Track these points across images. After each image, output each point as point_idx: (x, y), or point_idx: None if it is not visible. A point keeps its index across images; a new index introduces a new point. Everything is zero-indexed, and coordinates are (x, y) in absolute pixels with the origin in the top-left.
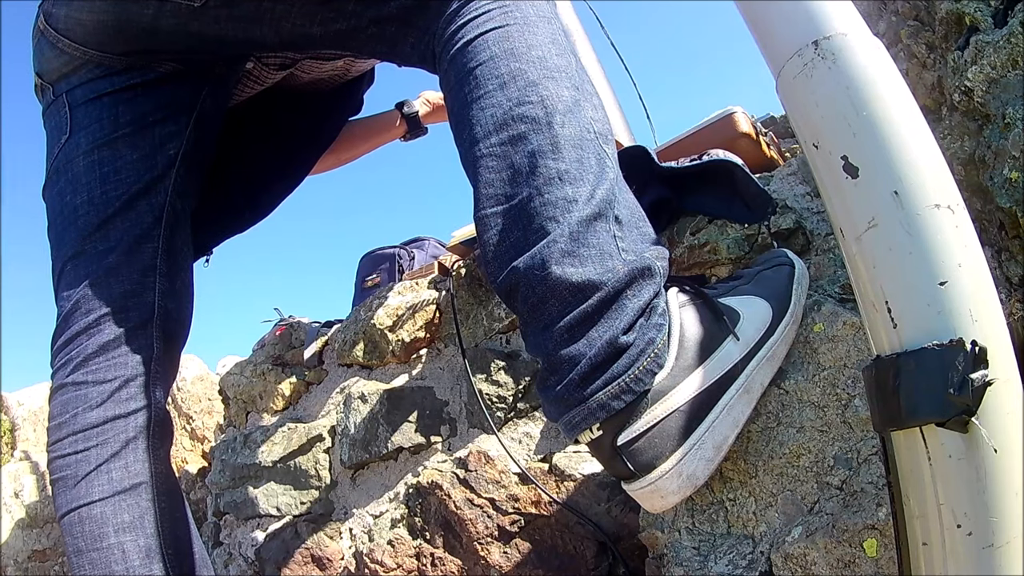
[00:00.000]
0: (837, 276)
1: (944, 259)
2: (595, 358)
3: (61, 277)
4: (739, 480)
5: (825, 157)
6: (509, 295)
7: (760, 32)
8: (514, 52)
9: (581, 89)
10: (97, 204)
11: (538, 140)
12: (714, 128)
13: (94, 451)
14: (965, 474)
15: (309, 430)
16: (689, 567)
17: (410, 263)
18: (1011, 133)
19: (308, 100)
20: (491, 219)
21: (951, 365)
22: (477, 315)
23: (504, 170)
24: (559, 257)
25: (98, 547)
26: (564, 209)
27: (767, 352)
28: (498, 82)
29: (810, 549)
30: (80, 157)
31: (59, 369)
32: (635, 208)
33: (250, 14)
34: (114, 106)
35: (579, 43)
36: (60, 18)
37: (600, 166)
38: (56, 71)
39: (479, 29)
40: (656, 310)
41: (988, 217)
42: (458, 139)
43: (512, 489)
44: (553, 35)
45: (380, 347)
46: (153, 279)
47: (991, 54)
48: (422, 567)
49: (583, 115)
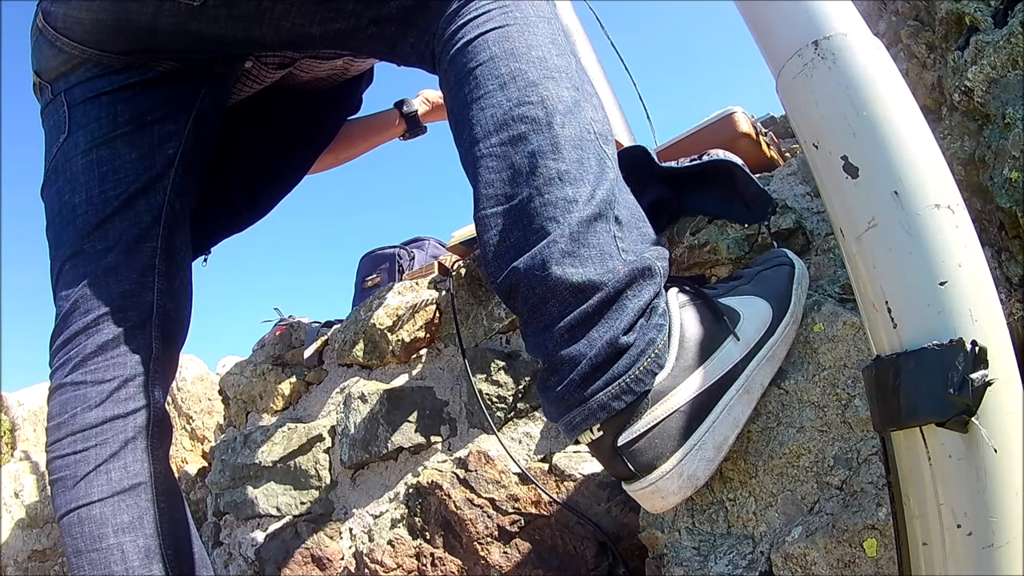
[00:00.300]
0: (837, 276)
1: (944, 259)
2: (595, 359)
3: (60, 276)
4: (739, 480)
5: (825, 157)
6: (509, 295)
7: (760, 32)
8: (514, 52)
9: (581, 89)
10: (96, 203)
11: (538, 140)
12: (714, 128)
13: (93, 451)
14: (965, 474)
15: (309, 430)
16: (689, 567)
17: (410, 263)
18: (1011, 133)
19: (307, 99)
20: (491, 219)
21: (951, 365)
22: (477, 315)
23: (504, 170)
24: (559, 257)
25: (97, 548)
26: (564, 209)
27: (767, 352)
28: (498, 82)
29: (810, 549)
30: (78, 156)
31: (58, 369)
32: (635, 208)
33: (249, 13)
34: (112, 105)
35: (579, 43)
36: (59, 17)
37: (600, 166)
38: (54, 70)
39: (479, 29)
40: (656, 310)
41: (988, 217)
42: (458, 139)
43: (512, 489)
44: (553, 35)
45: (380, 347)
46: (152, 279)
47: (991, 54)
48: (422, 567)
49: (583, 115)
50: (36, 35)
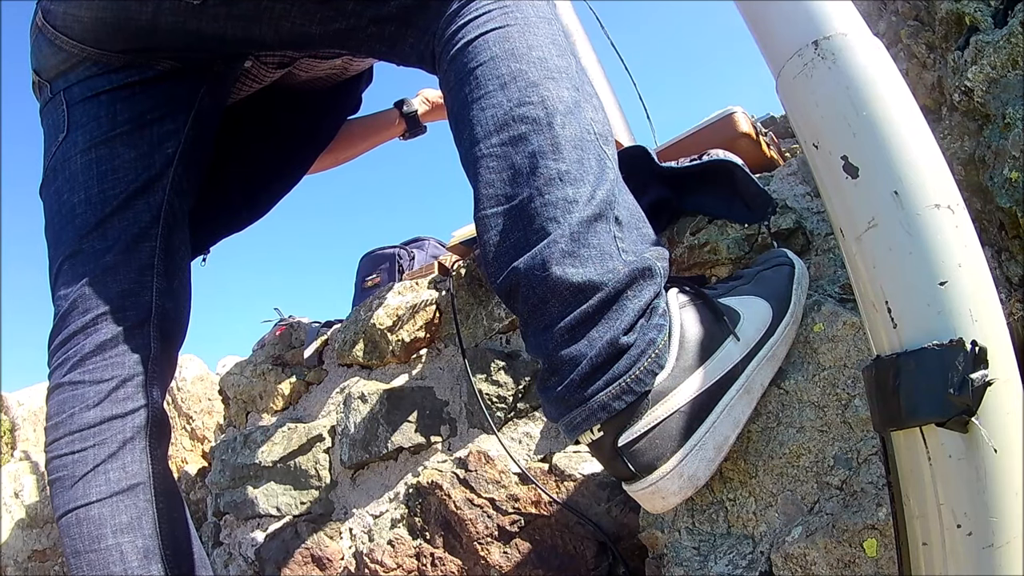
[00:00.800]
0: (837, 276)
1: (944, 259)
2: (596, 359)
3: (58, 276)
4: (739, 480)
5: (825, 157)
6: (509, 296)
7: (760, 32)
8: (515, 53)
9: (581, 90)
10: (95, 203)
11: (539, 141)
12: (714, 128)
13: (91, 451)
14: (965, 474)
15: (309, 430)
16: (689, 567)
17: (410, 263)
18: (1011, 133)
19: (306, 99)
20: (491, 219)
21: (951, 365)
22: (477, 315)
23: (505, 170)
24: (560, 257)
25: (96, 548)
26: (565, 210)
27: (767, 352)
28: (499, 82)
29: (810, 549)
30: (77, 155)
31: (56, 368)
32: (635, 209)
33: (249, 13)
34: (112, 104)
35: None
36: (58, 15)
37: (600, 167)
38: (54, 68)
39: (480, 29)
40: (657, 310)
41: (988, 217)
42: (458, 139)
43: (512, 489)
44: (553, 36)
45: (380, 347)
46: (151, 278)
47: (991, 54)
48: (422, 567)
49: (583, 116)
50: (35, 33)
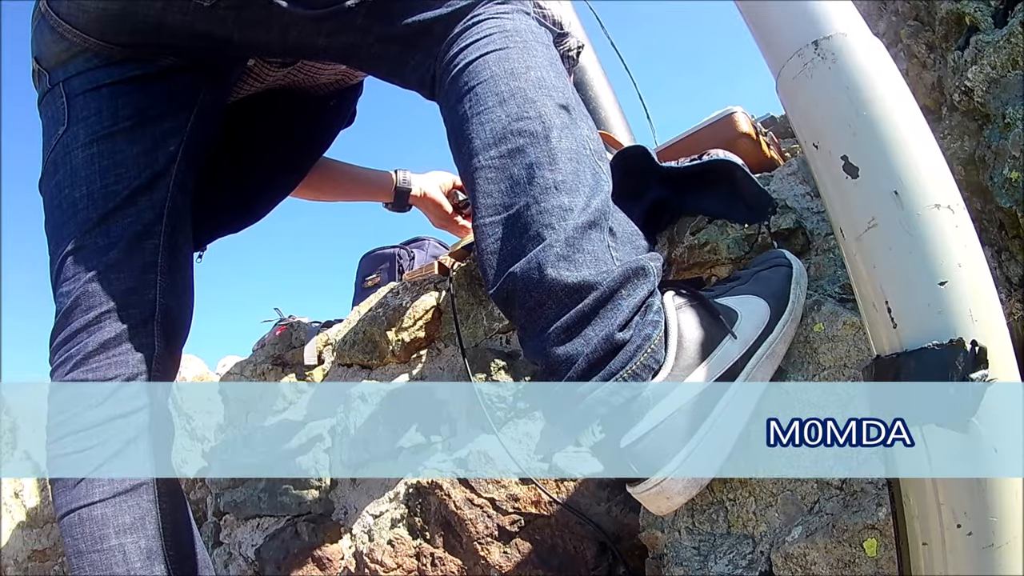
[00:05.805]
0: (837, 276)
1: (944, 259)
2: (592, 355)
3: (60, 272)
4: (739, 480)
5: (825, 157)
6: (507, 302)
7: (760, 32)
8: (513, 72)
9: (577, 110)
10: (97, 199)
11: (536, 153)
12: (714, 128)
13: (94, 451)
14: (965, 474)
15: (309, 430)
16: (689, 567)
17: (410, 263)
18: (1011, 133)
19: (303, 105)
20: (489, 228)
21: (951, 365)
22: (477, 315)
23: (503, 181)
24: (555, 261)
25: (99, 549)
26: (560, 217)
27: (766, 350)
28: (497, 99)
29: (810, 549)
30: (79, 150)
31: (58, 367)
32: (628, 225)
33: (258, 18)
34: (113, 99)
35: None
36: (63, 3)
37: (595, 180)
38: (54, 56)
39: (480, 51)
40: (651, 308)
41: (988, 217)
42: (457, 154)
43: (512, 489)
44: (551, 59)
45: (380, 347)
46: (154, 276)
47: (991, 54)
48: (422, 567)
49: (579, 132)
50: (38, 19)
